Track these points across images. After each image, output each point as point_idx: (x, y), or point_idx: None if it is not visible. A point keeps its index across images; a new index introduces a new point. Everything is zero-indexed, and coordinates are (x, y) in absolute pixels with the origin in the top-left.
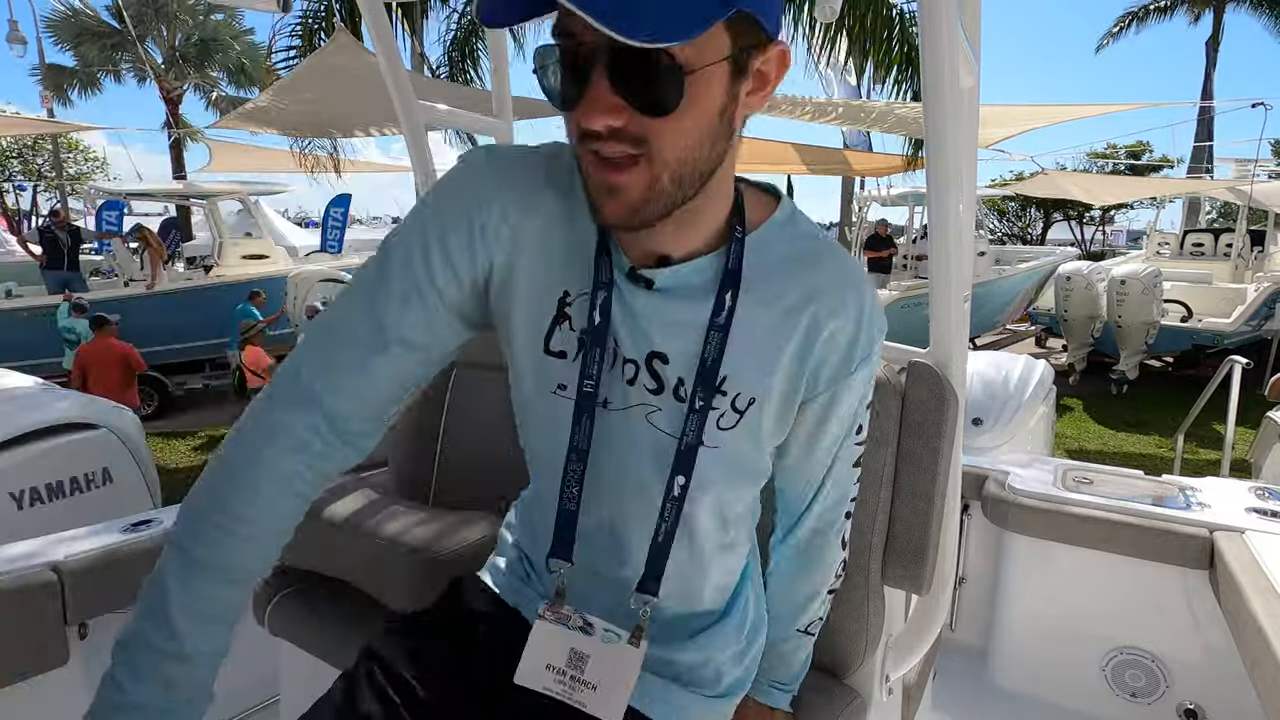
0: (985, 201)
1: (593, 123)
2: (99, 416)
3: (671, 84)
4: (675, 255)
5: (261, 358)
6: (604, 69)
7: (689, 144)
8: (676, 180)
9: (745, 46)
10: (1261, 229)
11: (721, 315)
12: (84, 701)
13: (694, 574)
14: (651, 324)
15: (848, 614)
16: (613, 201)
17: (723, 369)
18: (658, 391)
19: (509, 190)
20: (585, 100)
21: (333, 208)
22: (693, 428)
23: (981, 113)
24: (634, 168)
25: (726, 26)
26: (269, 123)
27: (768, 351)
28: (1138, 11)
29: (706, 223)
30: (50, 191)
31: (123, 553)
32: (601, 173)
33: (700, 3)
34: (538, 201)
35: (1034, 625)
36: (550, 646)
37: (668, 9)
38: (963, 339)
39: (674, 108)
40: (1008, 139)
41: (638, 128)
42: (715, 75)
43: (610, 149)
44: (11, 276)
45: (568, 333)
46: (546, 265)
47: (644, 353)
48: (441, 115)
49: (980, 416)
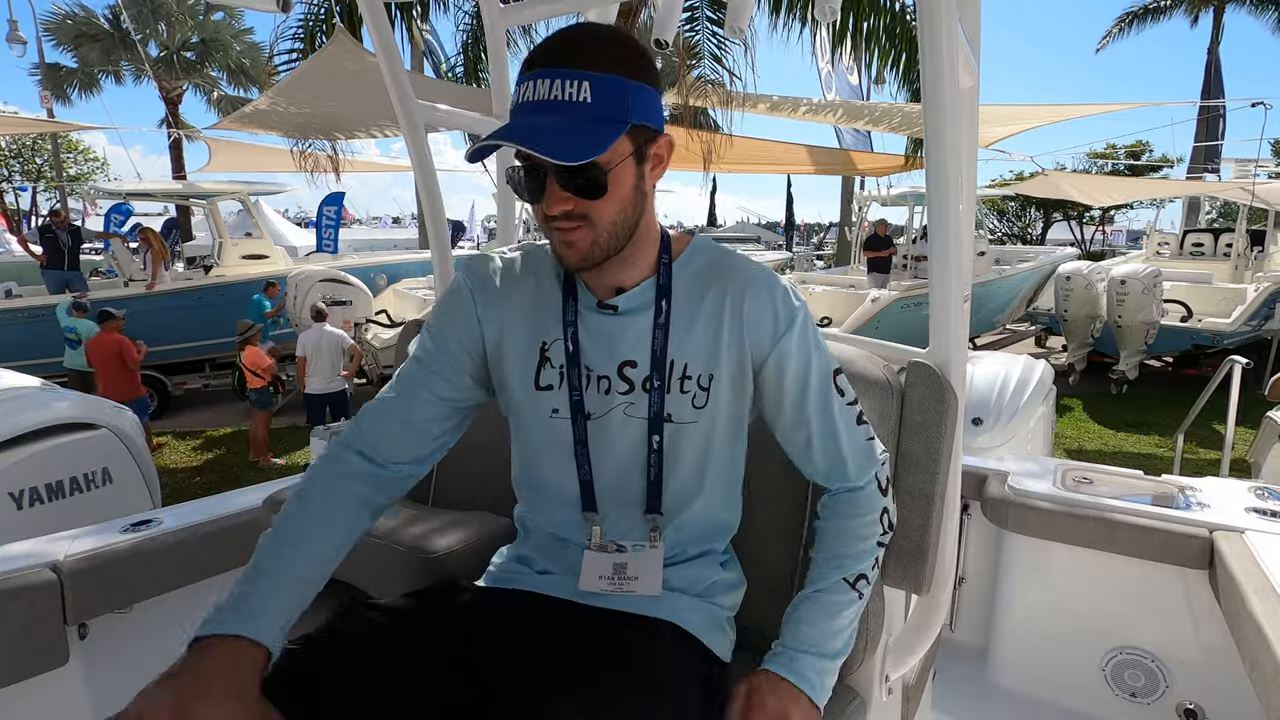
0: (985, 201)
1: (553, 209)
2: (99, 416)
3: (598, 180)
4: (626, 285)
5: (260, 358)
6: (554, 177)
7: (614, 211)
8: (611, 235)
9: (641, 142)
10: (1261, 229)
11: (661, 317)
12: (84, 701)
13: (684, 499)
14: (619, 340)
15: None
16: (569, 252)
17: (680, 357)
18: (629, 391)
19: (482, 293)
20: (546, 197)
21: (325, 206)
22: (655, 401)
23: (981, 112)
24: (580, 230)
25: (627, 135)
26: (269, 125)
27: (710, 338)
28: (1137, 11)
29: (643, 259)
30: (50, 191)
31: (123, 553)
32: (561, 236)
33: (606, 132)
34: (509, 290)
35: (1034, 625)
36: (598, 566)
37: (586, 141)
38: (963, 339)
39: (602, 194)
40: (1007, 138)
41: (581, 208)
42: (625, 167)
43: (564, 224)
44: (11, 276)
45: (550, 370)
46: (527, 328)
47: (615, 365)
48: (441, 115)
49: (980, 416)
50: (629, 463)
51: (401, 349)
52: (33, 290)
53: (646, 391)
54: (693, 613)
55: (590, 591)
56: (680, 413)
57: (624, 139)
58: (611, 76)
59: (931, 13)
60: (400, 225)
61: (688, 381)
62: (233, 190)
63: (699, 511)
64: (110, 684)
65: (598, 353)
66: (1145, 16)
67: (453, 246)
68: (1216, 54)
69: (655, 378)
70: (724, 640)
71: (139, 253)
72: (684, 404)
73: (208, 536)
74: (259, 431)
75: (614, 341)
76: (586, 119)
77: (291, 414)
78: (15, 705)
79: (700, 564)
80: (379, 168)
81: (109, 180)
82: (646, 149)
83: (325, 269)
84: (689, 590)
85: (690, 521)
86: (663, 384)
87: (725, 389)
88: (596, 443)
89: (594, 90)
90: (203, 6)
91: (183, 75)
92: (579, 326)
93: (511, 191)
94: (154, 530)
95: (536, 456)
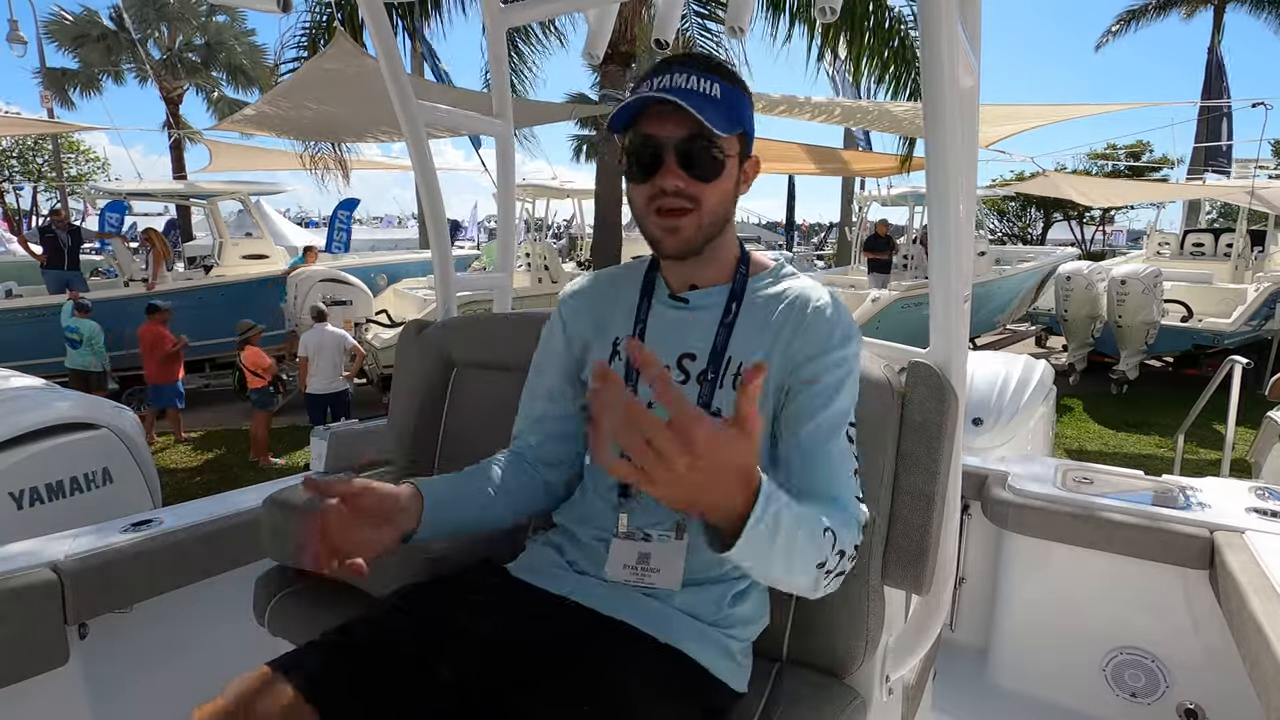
0: (985, 201)
1: (667, 183)
2: (99, 416)
3: (715, 164)
4: (700, 284)
5: (261, 358)
6: (674, 154)
7: (718, 201)
8: (712, 224)
9: (744, 153)
10: (1262, 229)
11: (729, 318)
12: (84, 701)
13: None
14: (684, 332)
15: (847, 614)
16: (673, 237)
17: (736, 355)
18: (684, 381)
19: (572, 306)
20: (661, 171)
21: (340, 210)
22: (705, 393)
23: (981, 112)
24: (687, 215)
25: (738, 139)
26: (270, 127)
27: (766, 340)
28: (1136, 10)
29: (721, 261)
30: (51, 191)
31: (123, 553)
32: (666, 219)
33: (732, 120)
34: (596, 299)
35: (1034, 625)
36: (624, 554)
37: (719, 119)
38: (963, 339)
39: (715, 178)
40: (1007, 138)
41: (692, 189)
42: (733, 164)
43: (672, 203)
44: (11, 276)
45: (619, 363)
46: (605, 328)
47: (675, 355)
48: (441, 115)
49: (980, 416)
50: None
51: (401, 349)
52: (33, 290)
53: (699, 384)
54: (702, 642)
55: (615, 582)
56: (729, 410)
57: (735, 139)
58: (736, 88)
59: (931, 13)
60: (401, 226)
61: (739, 380)
62: (233, 190)
63: None
64: (110, 684)
65: (662, 343)
66: (1144, 14)
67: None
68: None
69: (710, 371)
70: (735, 669)
71: (139, 253)
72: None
73: (208, 536)
74: (259, 431)
75: (679, 333)
76: (718, 108)
77: (292, 414)
78: (15, 705)
79: (718, 590)
80: (382, 165)
81: (109, 180)
82: (745, 160)
83: (325, 269)
84: (703, 617)
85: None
86: (716, 378)
87: (769, 401)
88: None
89: (723, 92)
90: (205, 7)
91: (185, 76)
92: (649, 321)
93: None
94: (154, 530)
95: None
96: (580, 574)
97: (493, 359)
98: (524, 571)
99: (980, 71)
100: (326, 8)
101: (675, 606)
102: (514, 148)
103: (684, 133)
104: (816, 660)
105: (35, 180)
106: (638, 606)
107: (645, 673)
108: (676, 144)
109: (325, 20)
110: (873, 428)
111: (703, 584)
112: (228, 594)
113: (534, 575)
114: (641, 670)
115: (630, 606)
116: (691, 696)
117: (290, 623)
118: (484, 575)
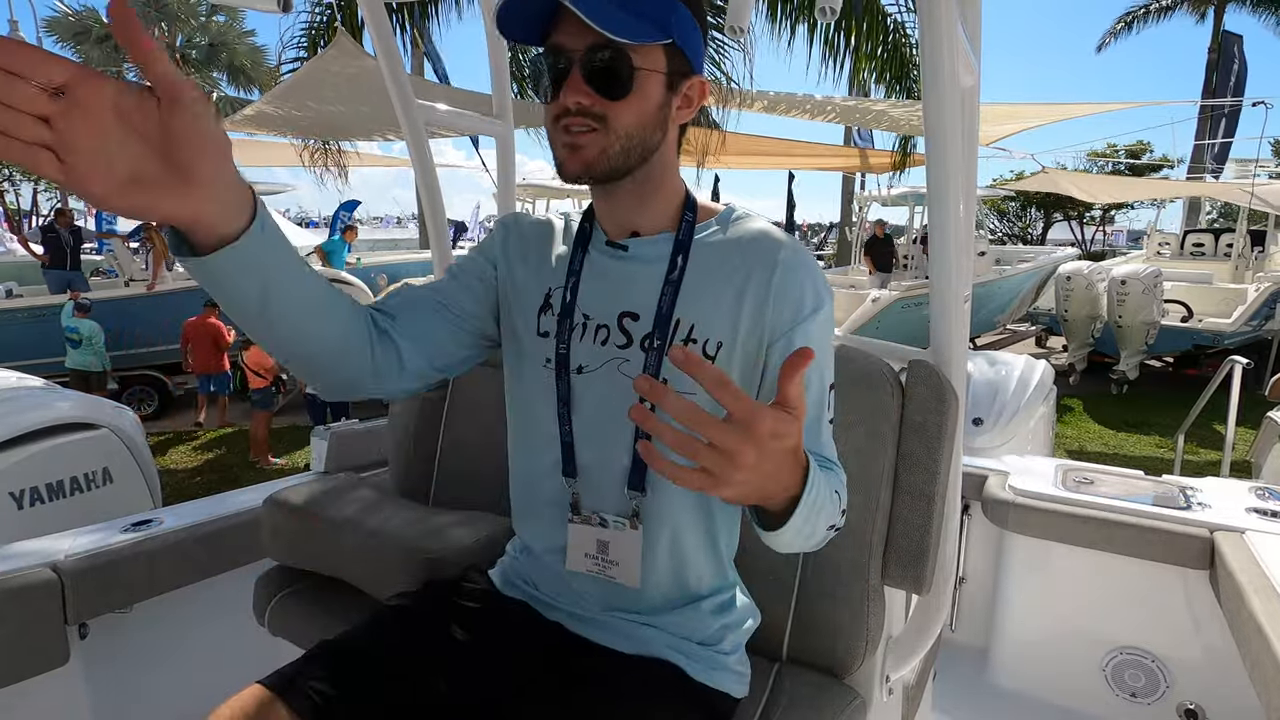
0: (985, 201)
1: (568, 100)
2: (99, 416)
3: (623, 77)
4: (642, 231)
5: (264, 358)
6: (579, 67)
7: (633, 123)
8: (623, 148)
9: (676, 70)
10: (1262, 229)
11: (674, 274)
12: (84, 701)
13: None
14: (624, 288)
15: (848, 614)
16: (573, 157)
17: (687, 319)
18: (626, 346)
19: (511, 241)
20: (565, 87)
21: (342, 211)
22: (652, 362)
23: (982, 111)
24: (592, 134)
25: (664, 51)
26: (271, 127)
27: (726, 306)
28: (1138, 11)
29: (660, 203)
30: (51, 191)
31: (123, 553)
32: (569, 138)
33: (648, 27)
34: (535, 241)
35: (1034, 625)
36: (583, 540)
37: (627, 25)
38: (963, 339)
39: (624, 95)
40: (1007, 136)
41: (599, 107)
42: (654, 79)
43: (577, 124)
44: (12, 276)
45: (549, 317)
46: (539, 275)
47: (615, 314)
48: (441, 115)
49: (980, 416)
50: (615, 430)
51: None
52: (33, 290)
53: (645, 350)
54: (696, 662)
55: (575, 572)
56: (679, 380)
57: (659, 51)
58: None
59: (931, 13)
60: (401, 226)
61: (691, 345)
62: None
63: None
64: (110, 684)
65: (598, 298)
66: (1146, 17)
67: (453, 246)
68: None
69: (656, 336)
70: (733, 677)
71: (140, 252)
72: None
73: (208, 536)
74: (259, 431)
75: (618, 288)
76: (629, 9)
77: (292, 414)
78: (15, 705)
79: (704, 606)
80: (382, 162)
81: None
82: (679, 81)
83: (325, 269)
84: (694, 638)
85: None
86: (663, 345)
87: (736, 365)
88: (585, 400)
89: None
90: (206, 7)
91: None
92: (584, 272)
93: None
94: (154, 530)
95: (529, 408)
96: (559, 585)
97: (493, 358)
98: (508, 586)
99: (980, 71)
100: (327, 9)
101: (666, 631)
102: (514, 148)
103: (590, 42)
104: (816, 660)
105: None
106: (623, 633)
107: (642, 688)
108: (582, 56)
109: (325, 21)
110: (873, 428)
111: (685, 605)
112: (228, 594)
113: (517, 590)
114: (637, 686)
115: (616, 634)
116: (691, 705)
117: (290, 623)
118: (476, 584)
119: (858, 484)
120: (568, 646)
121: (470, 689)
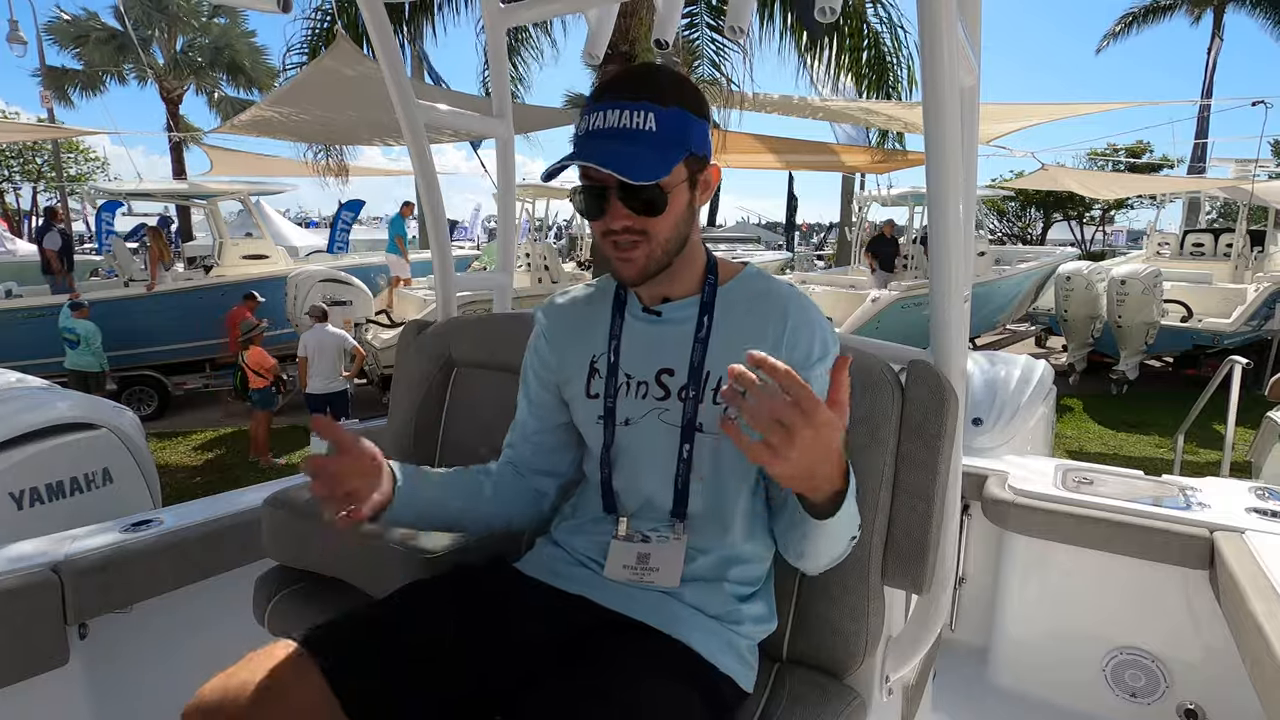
0: (985, 201)
1: (613, 225)
2: (99, 416)
3: (658, 200)
4: (672, 296)
5: (265, 358)
6: (617, 195)
7: (669, 229)
8: (665, 251)
9: (695, 168)
10: (1262, 229)
11: (701, 333)
12: (84, 701)
13: (709, 512)
14: (659, 347)
15: (847, 614)
16: (627, 267)
17: (715, 370)
18: (664, 398)
19: (550, 323)
20: (608, 214)
21: (344, 211)
22: (689, 410)
23: (982, 111)
24: (638, 247)
25: (684, 162)
26: (271, 130)
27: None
28: (1138, 12)
29: (688, 275)
30: (51, 192)
31: (123, 553)
32: (619, 253)
33: (668, 158)
34: (574, 319)
35: (1034, 625)
36: (623, 556)
37: (653, 164)
38: (963, 339)
39: (660, 212)
40: (1007, 135)
41: (640, 224)
42: (681, 190)
43: (623, 239)
44: (12, 276)
45: (598, 380)
46: (583, 347)
47: (654, 371)
48: (442, 116)
49: (980, 416)
50: (661, 468)
51: (401, 349)
52: (33, 290)
53: (682, 400)
54: (708, 635)
55: (614, 580)
56: (712, 423)
57: (681, 165)
58: (673, 109)
59: (931, 13)
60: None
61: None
62: (234, 190)
63: (722, 528)
64: (110, 684)
65: (638, 358)
66: (1146, 17)
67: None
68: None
69: (691, 388)
70: (741, 667)
71: (140, 253)
72: (716, 415)
73: (208, 536)
74: (260, 431)
75: (654, 348)
76: (651, 145)
77: (292, 414)
78: (15, 705)
79: (727, 589)
80: (382, 171)
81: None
82: (698, 175)
83: (325, 269)
84: (709, 611)
85: (714, 538)
86: (697, 394)
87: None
88: (632, 448)
89: (658, 121)
90: (207, 7)
91: (188, 76)
92: (623, 337)
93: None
94: (154, 530)
95: (588, 457)
96: (587, 570)
97: (492, 359)
98: (531, 568)
99: (980, 71)
100: (327, 14)
101: (684, 601)
102: (514, 149)
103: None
104: (816, 660)
105: (35, 180)
106: (644, 601)
107: (647, 657)
108: (618, 185)
109: (326, 26)
110: (873, 428)
111: (712, 581)
112: (228, 594)
113: (540, 571)
114: (643, 655)
115: (636, 602)
116: (692, 681)
117: (290, 623)
118: (491, 571)
119: (857, 483)
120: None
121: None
